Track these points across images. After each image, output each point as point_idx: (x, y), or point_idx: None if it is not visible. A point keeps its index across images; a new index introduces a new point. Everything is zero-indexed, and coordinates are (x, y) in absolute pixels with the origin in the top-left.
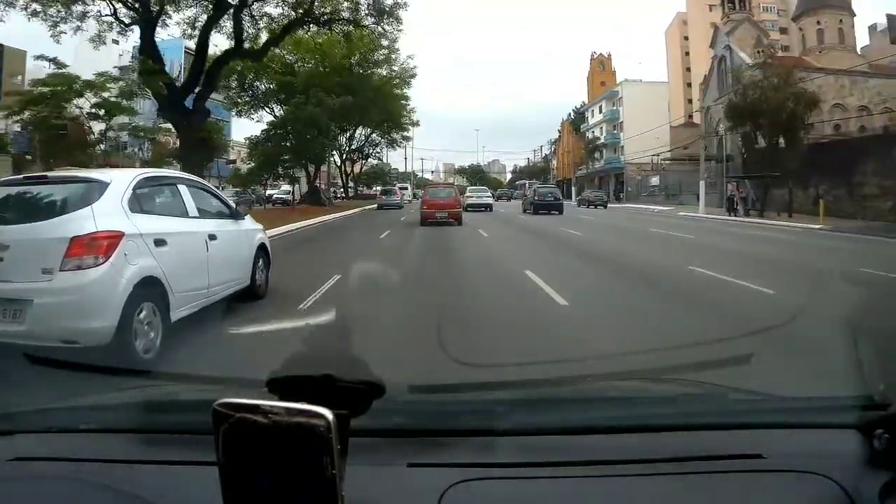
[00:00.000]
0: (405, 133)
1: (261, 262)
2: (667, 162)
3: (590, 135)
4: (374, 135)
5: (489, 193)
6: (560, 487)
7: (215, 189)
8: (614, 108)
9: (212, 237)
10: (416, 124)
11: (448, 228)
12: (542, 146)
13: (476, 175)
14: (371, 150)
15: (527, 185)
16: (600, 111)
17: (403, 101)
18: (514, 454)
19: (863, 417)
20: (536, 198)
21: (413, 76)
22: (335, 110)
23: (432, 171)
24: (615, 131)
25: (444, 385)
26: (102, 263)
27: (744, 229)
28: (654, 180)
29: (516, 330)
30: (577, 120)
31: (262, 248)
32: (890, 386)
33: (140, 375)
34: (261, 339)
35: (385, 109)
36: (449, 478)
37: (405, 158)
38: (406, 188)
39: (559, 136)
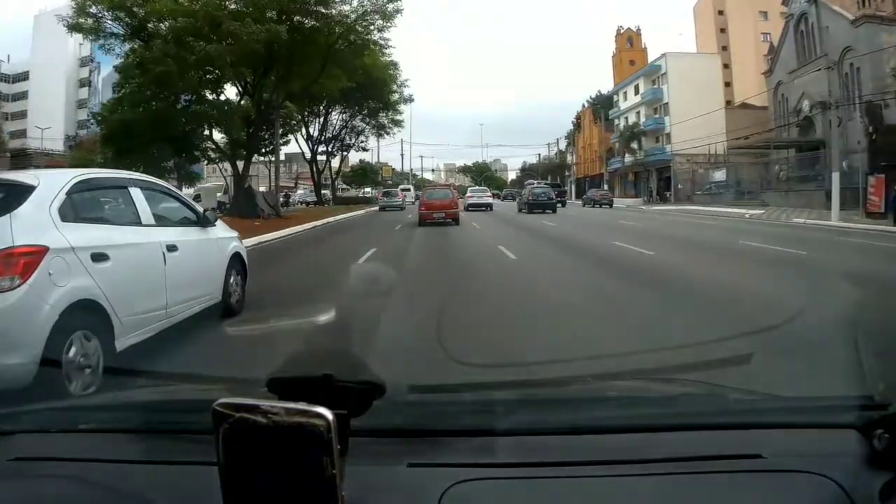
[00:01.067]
0: (396, 116)
1: (235, 275)
2: (724, 153)
3: (622, 122)
4: (355, 119)
5: (489, 194)
6: (560, 487)
7: (179, 192)
8: (656, 86)
9: (171, 248)
10: (408, 100)
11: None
12: (557, 139)
13: (482, 173)
14: (353, 140)
15: (535, 184)
16: (636, 92)
17: (392, 70)
18: (514, 454)
19: (863, 417)
20: (531, 197)
21: (397, 10)
22: (259, 50)
23: (433, 170)
24: (657, 115)
25: (444, 385)
26: (19, 286)
27: None
28: (719, 175)
29: None
30: (601, 106)
31: (236, 258)
32: (890, 386)
33: (140, 375)
34: (260, 339)
35: (356, 67)
36: (449, 478)
37: (401, 155)
38: (409, 189)
39: (577, 126)
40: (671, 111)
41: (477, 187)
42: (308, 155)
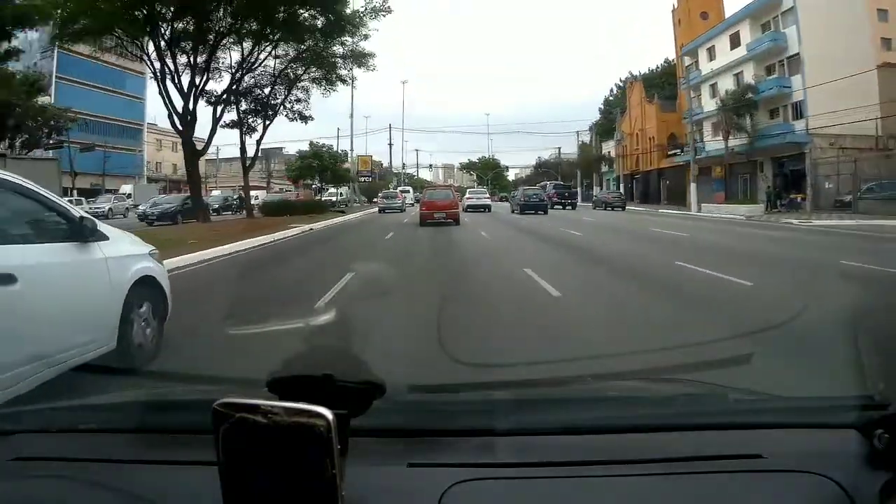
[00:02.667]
0: (358, 43)
1: (143, 309)
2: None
3: (706, 92)
4: (275, 52)
5: (487, 195)
6: (560, 487)
7: (39, 189)
8: (775, 31)
9: (5, 280)
10: (380, 12)
11: None
12: (593, 124)
13: (489, 170)
14: (279, 95)
15: (548, 185)
16: (734, 45)
17: None
18: (514, 454)
19: (863, 417)
20: (523, 199)
21: None
22: None
23: (430, 166)
24: (774, 76)
25: (444, 385)
26: None
27: None
28: None
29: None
30: (653, 80)
31: (145, 284)
32: (890, 386)
33: (140, 375)
34: (261, 339)
35: None
36: (449, 478)
37: (389, 145)
38: (408, 191)
39: (619, 107)
40: (806, 67)
41: (476, 188)
42: (172, 117)
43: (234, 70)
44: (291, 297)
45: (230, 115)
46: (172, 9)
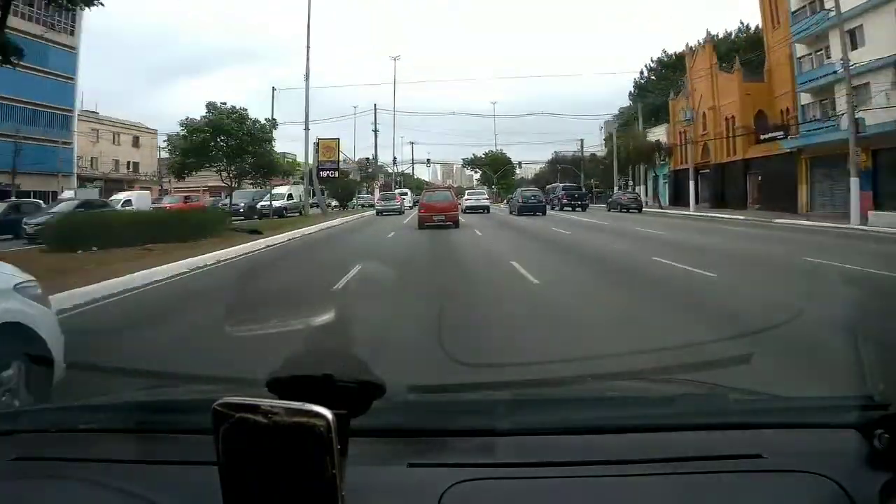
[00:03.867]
0: None
1: (4, 373)
2: None
3: (833, 43)
4: None
5: (486, 196)
6: (560, 487)
7: None
8: None
9: None
10: None
11: None
12: (634, 106)
13: (498, 165)
14: None
15: (558, 186)
16: None
17: None
18: (514, 454)
19: (863, 417)
20: (521, 201)
21: None
22: None
23: (428, 161)
24: None
25: (444, 385)
26: None
27: None
28: None
29: None
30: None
31: (7, 335)
32: (890, 386)
33: (140, 375)
34: (261, 339)
35: None
36: (449, 478)
37: (374, 130)
38: (406, 193)
39: (670, 82)
40: None
41: (475, 189)
42: None
43: None
44: None
45: None
46: None
